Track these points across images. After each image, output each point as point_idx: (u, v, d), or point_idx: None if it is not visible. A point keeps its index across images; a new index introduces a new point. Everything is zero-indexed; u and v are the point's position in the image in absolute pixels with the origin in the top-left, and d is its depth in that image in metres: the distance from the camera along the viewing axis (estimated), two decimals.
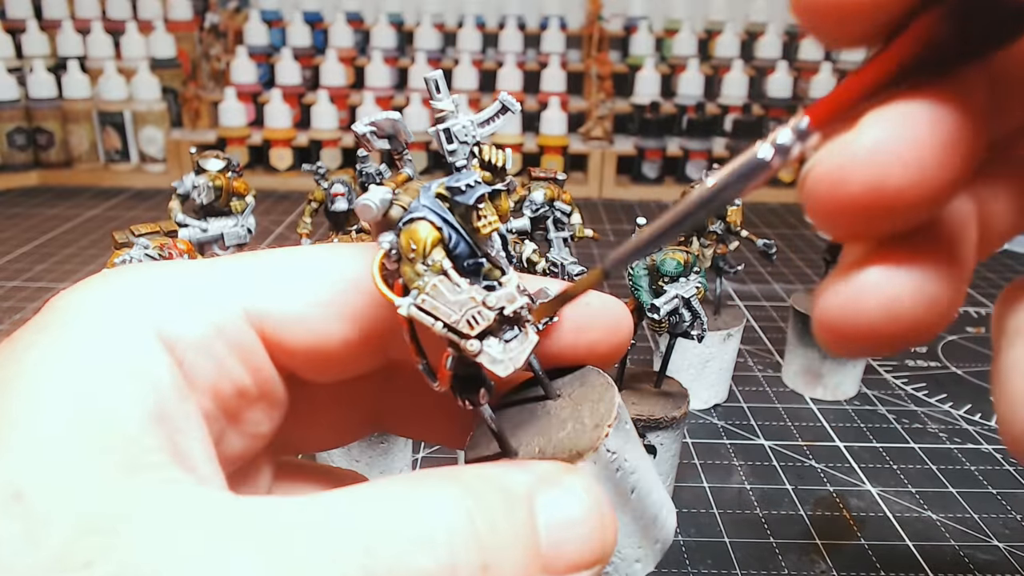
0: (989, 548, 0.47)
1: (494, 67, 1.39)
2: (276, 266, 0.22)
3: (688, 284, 0.45)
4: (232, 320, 0.20)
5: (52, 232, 1.04)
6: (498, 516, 0.17)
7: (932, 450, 0.58)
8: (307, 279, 0.22)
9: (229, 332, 0.20)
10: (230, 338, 0.20)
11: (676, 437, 0.49)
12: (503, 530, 0.17)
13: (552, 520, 0.18)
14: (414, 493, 0.17)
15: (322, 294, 0.21)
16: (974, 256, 0.18)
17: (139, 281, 0.20)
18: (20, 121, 1.26)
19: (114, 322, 0.18)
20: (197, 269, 0.21)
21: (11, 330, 0.73)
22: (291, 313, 0.21)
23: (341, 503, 0.16)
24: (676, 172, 1.32)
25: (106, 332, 0.18)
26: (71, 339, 0.18)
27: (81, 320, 0.18)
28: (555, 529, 0.18)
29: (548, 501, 0.18)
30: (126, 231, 0.47)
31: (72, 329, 0.18)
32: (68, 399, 0.16)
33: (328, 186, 0.63)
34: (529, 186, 0.54)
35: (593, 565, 0.18)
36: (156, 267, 0.21)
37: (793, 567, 0.45)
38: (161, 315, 0.19)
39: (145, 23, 1.37)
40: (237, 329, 0.21)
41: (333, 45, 1.41)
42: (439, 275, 0.19)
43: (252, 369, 0.21)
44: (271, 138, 1.29)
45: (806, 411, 0.63)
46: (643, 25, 1.45)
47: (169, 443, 0.17)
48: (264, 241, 1.01)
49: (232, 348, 0.20)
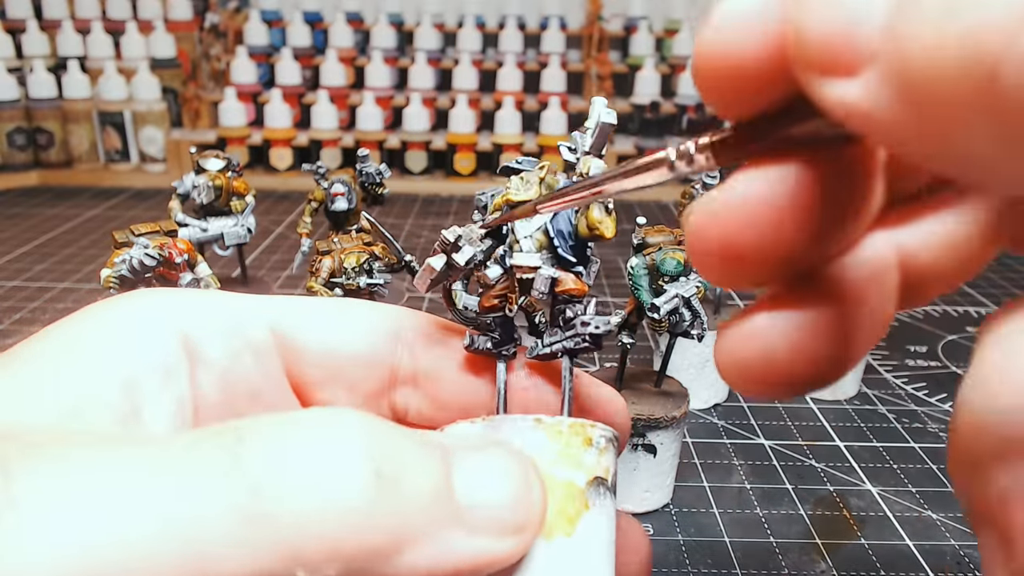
0: None
1: (494, 67, 1.39)
2: (308, 301, 0.25)
3: (688, 283, 0.45)
4: (254, 329, 0.23)
5: (52, 232, 1.04)
6: (408, 459, 0.17)
7: (932, 450, 0.58)
8: (335, 313, 0.25)
9: (249, 335, 0.22)
10: (249, 340, 0.22)
11: (676, 437, 0.49)
12: (411, 475, 0.17)
13: (471, 478, 0.18)
14: (320, 429, 0.17)
15: (342, 321, 0.24)
16: (891, 300, 0.18)
17: (176, 292, 0.22)
18: (20, 121, 1.26)
19: (130, 310, 0.21)
20: (235, 295, 0.24)
21: (11, 330, 0.73)
22: (312, 333, 0.24)
23: (246, 431, 0.16)
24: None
25: (118, 315, 0.20)
26: (88, 319, 0.20)
27: (105, 309, 0.20)
28: (474, 487, 0.18)
29: (468, 460, 0.18)
30: (126, 231, 0.47)
31: (95, 313, 0.20)
32: (51, 357, 0.19)
33: (328, 186, 0.63)
34: None
35: (517, 532, 0.18)
36: (199, 290, 0.25)
37: (793, 567, 0.45)
38: (186, 312, 0.21)
39: (145, 23, 1.37)
40: (258, 336, 0.23)
41: (333, 45, 1.41)
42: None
43: (267, 374, 0.23)
44: (271, 138, 1.29)
45: (806, 411, 0.64)
46: (643, 25, 1.45)
47: (127, 406, 0.19)
48: (264, 241, 1.01)
49: (249, 347, 0.22)
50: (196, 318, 0.22)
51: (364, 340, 0.24)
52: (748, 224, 0.16)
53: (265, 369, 0.23)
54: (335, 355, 0.24)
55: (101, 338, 0.20)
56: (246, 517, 0.14)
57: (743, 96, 0.15)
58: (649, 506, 0.50)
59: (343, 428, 0.17)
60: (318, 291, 0.51)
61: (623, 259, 0.98)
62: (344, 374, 0.24)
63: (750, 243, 0.16)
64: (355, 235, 0.54)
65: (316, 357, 0.24)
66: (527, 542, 0.19)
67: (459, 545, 0.17)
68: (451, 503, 0.17)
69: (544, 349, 0.24)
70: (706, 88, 0.16)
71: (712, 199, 0.16)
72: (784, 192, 0.15)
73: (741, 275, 0.17)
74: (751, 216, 0.16)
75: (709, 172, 0.16)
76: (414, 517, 0.16)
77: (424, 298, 0.83)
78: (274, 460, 0.16)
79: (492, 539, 0.18)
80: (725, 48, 0.15)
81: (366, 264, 0.51)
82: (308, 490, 0.15)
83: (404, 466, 0.17)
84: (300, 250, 0.64)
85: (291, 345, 0.23)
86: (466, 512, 0.17)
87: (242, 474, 0.15)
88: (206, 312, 0.22)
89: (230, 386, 0.22)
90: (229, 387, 0.22)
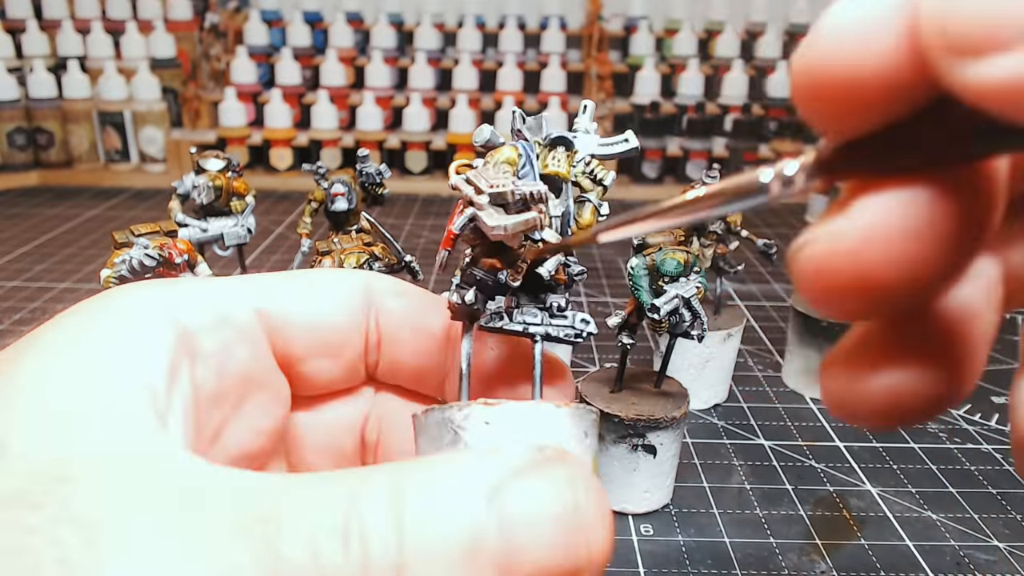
0: (989, 548, 0.47)
1: (494, 67, 1.39)
2: (284, 277, 0.25)
3: (688, 284, 0.45)
4: (241, 313, 0.23)
5: (52, 232, 1.04)
6: (428, 512, 0.16)
7: (932, 450, 0.58)
8: (311, 285, 0.25)
9: (237, 321, 0.23)
10: (237, 326, 0.23)
11: (676, 437, 0.49)
12: (430, 530, 0.15)
13: (512, 517, 0.16)
14: (345, 483, 0.16)
15: (320, 293, 0.25)
16: (997, 316, 0.18)
17: (162, 284, 0.23)
18: (20, 121, 1.26)
19: (131, 307, 0.21)
20: (216, 279, 0.24)
21: (11, 330, 0.73)
22: (294, 309, 0.24)
23: (273, 482, 0.16)
24: (676, 172, 1.32)
25: (119, 315, 0.20)
26: (86, 320, 0.20)
27: (101, 307, 0.21)
28: (514, 528, 0.16)
29: (512, 494, 0.16)
30: (126, 231, 0.47)
31: (91, 312, 0.20)
32: (68, 369, 0.18)
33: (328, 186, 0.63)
34: None
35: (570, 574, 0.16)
36: (179, 280, 0.25)
37: (793, 567, 0.45)
38: (177, 304, 0.22)
39: (145, 23, 1.37)
40: (245, 320, 0.23)
41: (333, 45, 1.41)
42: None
43: (256, 356, 0.24)
44: (271, 138, 1.29)
45: (806, 411, 0.63)
46: (643, 25, 1.45)
47: (154, 413, 0.19)
48: (264, 241, 1.01)
49: (239, 333, 0.23)
50: (189, 312, 0.22)
51: (342, 308, 0.25)
52: (888, 258, 0.14)
53: (254, 352, 0.24)
54: (318, 327, 0.25)
55: (115, 344, 0.20)
56: None
57: (864, 110, 0.14)
58: (649, 506, 0.50)
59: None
60: None
61: (623, 259, 0.98)
62: (328, 345, 0.25)
63: (889, 278, 0.15)
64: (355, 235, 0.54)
65: (301, 331, 0.25)
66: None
67: None
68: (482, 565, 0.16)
69: (515, 326, 0.25)
70: (819, 107, 0.15)
71: (836, 233, 0.15)
72: (922, 219, 0.14)
73: (868, 310, 0.16)
74: (891, 249, 0.14)
75: (766, 187, 0.16)
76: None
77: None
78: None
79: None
80: (842, 60, 0.14)
81: (366, 264, 0.51)
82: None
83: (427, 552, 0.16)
84: (300, 250, 0.64)
85: (275, 323, 0.24)
86: (508, 568, 0.16)
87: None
88: (197, 304, 0.22)
89: (224, 374, 0.22)
90: (223, 375, 0.22)
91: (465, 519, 0.15)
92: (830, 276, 0.15)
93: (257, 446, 0.24)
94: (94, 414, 0.17)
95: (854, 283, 0.15)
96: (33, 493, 0.15)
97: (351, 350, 0.26)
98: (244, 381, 0.23)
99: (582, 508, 0.16)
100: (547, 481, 0.16)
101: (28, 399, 0.17)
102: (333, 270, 0.27)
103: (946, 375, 0.17)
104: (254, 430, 0.24)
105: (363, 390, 0.28)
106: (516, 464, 0.17)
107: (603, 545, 0.17)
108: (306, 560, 0.15)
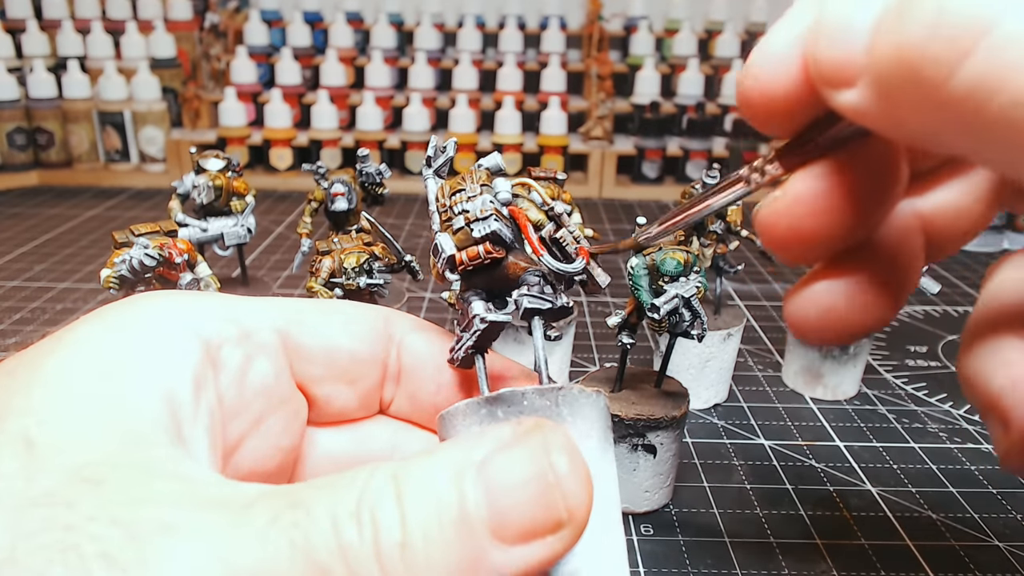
0: (989, 548, 0.47)
1: (494, 67, 1.39)
2: (306, 302, 0.27)
3: (688, 284, 0.45)
4: (263, 330, 0.24)
5: (52, 232, 1.04)
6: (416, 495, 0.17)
7: (932, 450, 0.58)
8: (332, 312, 0.26)
9: (260, 338, 0.24)
10: (260, 342, 0.24)
11: (676, 437, 0.49)
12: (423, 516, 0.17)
13: (494, 484, 0.18)
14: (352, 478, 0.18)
15: (342, 322, 0.26)
16: (919, 258, 0.23)
17: (188, 294, 0.24)
18: (20, 121, 1.26)
19: (154, 316, 0.22)
20: (239, 298, 0.25)
21: (11, 330, 0.73)
22: (315, 332, 0.26)
23: (293, 485, 0.18)
24: (676, 172, 1.32)
25: (145, 322, 0.21)
26: (112, 324, 0.21)
27: (126, 313, 0.21)
28: (497, 493, 0.17)
29: (495, 464, 0.18)
30: (126, 231, 0.47)
31: (116, 317, 0.21)
32: (93, 371, 0.19)
33: (328, 186, 0.63)
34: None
35: (554, 530, 0.18)
36: (205, 293, 0.26)
37: (793, 567, 0.45)
38: (202, 315, 0.23)
39: (145, 23, 1.37)
40: (267, 338, 0.24)
41: (333, 45, 1.41)
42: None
43: (277, 373, 0.24)
44: (271, 138, 1.29)
45: (806, 411, 0.64)
46: (643, 25, 1.45)
47: (173, 422, 0.19)
48: (264, 241, 1.01)
49: (261, 349, 0.24)
50: (214, 324, 0.23)
51: (362, 337, 0.26)
52: (808, 214, 0.20)
53: (275, 369, 0.24)
54: (337, 354, 0.26)
55: (137, 350, 0.20)
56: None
57: (785, 118, 0.20)
58: (649, 506, 0.50)
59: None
60: (318, 291, 0.51)
61: (623, 259, 0.98)
62: (345, 371, 0.26)
63: (811, 229, 0.20)
64: (355, 235, 0.54)
65: (319, 356, 0.25)
66: (573, 533, 0.18)
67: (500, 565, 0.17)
68: (476, 535, 0.17)
69: (500, 317, 0.26)
70: (755, 117, 0.21)
71: (776, 198, 0.21)
72: (831, 184, 0.20)
73: (805, 255, 0.21)
74: (809, 208, 0.20)
75: (760, 179, 0.23)
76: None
77: (423, 298, 0.83)
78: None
79: (527, 546, 0.18)
80: (766, 85, 0.20)
81: (366, 264, 0.51)
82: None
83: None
84: (300, 250, 0.64)
85: (295, 346, 0.25)
86: (498, 530, 0.17)
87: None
88: (221, 317, 0.23)
89: (245, 387, 0.23)
90: (244, 388, 0.23)
91: (454, 494, 0.17)
92: (774, 230, 0.21)
93: (273, 463, 0.25)
94: (119, 418, 0.18)
95: (789, 232, 0.21)
96: (65, 493, 0.16)
97: (368, 380, 0.26)
98: (264, 397, 0.24)
99: (556, 468, 0.18)
100: (523, 448, 0.18)
101: (54, 399, 0.18)
102: (358, 304, 0.27)
103: (872, 294, 0.22)
104: (271, 446, 0.24)
105: (377, 419, 0.28)
106: (501, 438, 0.19)
107: (580, 499, 0.18)
108: (332, 543, 0.16)
